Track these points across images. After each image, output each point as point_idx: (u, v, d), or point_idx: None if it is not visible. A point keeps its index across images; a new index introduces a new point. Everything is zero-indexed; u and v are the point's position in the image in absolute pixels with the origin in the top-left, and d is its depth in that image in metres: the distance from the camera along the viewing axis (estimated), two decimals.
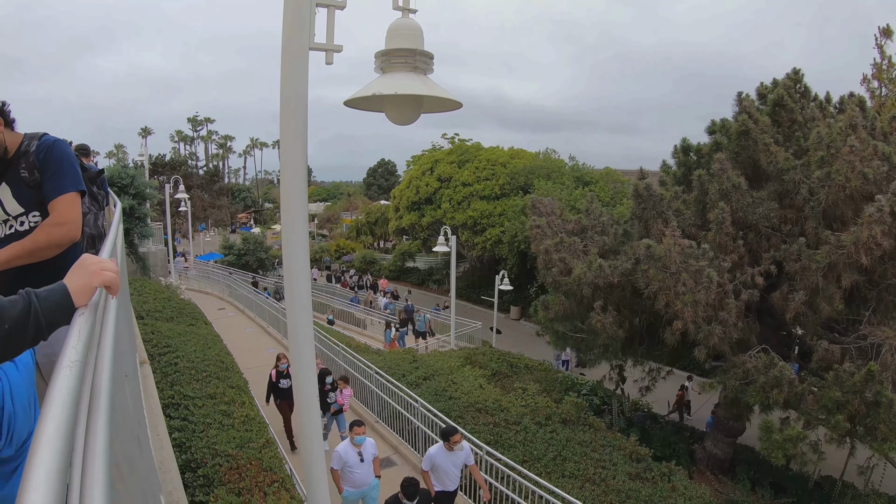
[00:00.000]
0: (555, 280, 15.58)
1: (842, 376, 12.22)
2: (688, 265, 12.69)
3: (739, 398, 13.99)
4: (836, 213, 13.37)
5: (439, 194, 46.83)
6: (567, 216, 17.78)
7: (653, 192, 15.73)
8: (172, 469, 5.20)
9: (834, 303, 13.07)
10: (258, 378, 15.42)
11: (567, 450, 12.81)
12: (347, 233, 76.30)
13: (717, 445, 17.26)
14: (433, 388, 15.45)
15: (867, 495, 15.64)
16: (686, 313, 12.85)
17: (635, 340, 16.55)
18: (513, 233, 39.51)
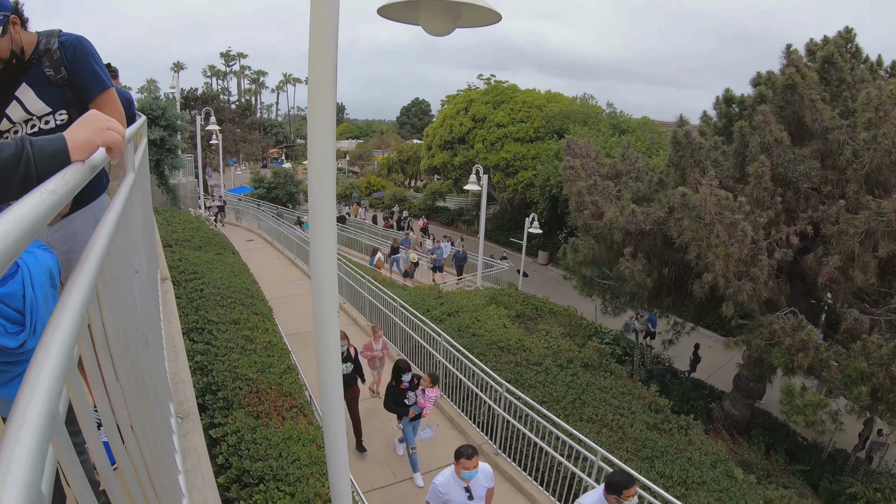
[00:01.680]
0: (585, 223, 15.47)
1: (869, 347, 12.01)
2: (723, 217, 12.49)
3: (763, 359, 13.87)
4: (879, 178, 13.00)
5: (473, 134, 46.32)
6: (602, 160, 17.54)
7: (692, 139, 15.43)
8: (186, 380, 5.23)
9: (868, 272, 12.76)
10: (283, 307, 15.74)
11: (587, 394, 12.80)
12: (378, 170, 76.10)
13: (735, 406, 17.23)
14: (457, 324, 15.48)
15: (880, 473, 15.54)
16: (717, 266, 12.70)
17: (662, 291, 16.43)
18: (545, 177, 39.08)
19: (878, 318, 13.45)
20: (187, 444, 4.18)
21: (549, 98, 47.58)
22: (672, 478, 10.55)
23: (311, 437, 7.17)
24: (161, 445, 2.44)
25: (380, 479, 10.39)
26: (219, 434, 7.00)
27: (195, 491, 3.72)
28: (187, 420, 4.52)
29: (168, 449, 2.96)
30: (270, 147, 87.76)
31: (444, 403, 12.89)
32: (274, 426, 7.20)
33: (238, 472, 6.36)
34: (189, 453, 4.04)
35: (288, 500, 5.82)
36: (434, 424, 12.33)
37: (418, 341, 13.90)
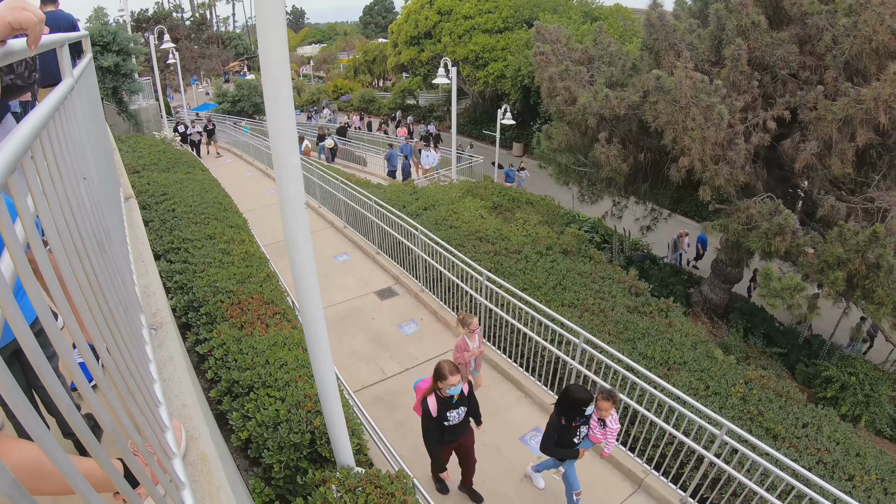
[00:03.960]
0: (559, 109, 15.24)
1: (845, 234, 12.11)
2: (699, 100, 12.35)
3: (741, 243, 13.99)
4: (858, 66, 12.78)
5: (439, 28, 45.41)
6: (573, 45, 17.16)
7: (666, 21, 15.12)
8: (157, 292, 5.24)
9: (846, 160, 12.73)
10: (259, 218, 15.85)
11: (567, 279, 12.87)
12: (345, 73, 74.87)
13: (713, 291, 17.49)
14: (433, 217, 15.43)
15: (854, 358, 15.96)
16: (693, 150, 12.62)
17: (639, 177, 16.41)
18: (516, 67, 38.78)
19: (854, 206, 13.50)
20: (163, 353, 4.21)
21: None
22: (654, 358, 10.74)
23: (297, 341, 7.19)
24: (132, 355, 2.41)
25: None
26: (205, 350, 7.06)
27: (173, 398, 3.76)
28: (161, 330, 4.52)
29: (141, 359, 2.91)
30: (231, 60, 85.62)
31: (426, 297, 12.97)
32: (258, 335, 7.22)
33: (228, 383, 6.41)
34: (165, 363, 4.08)
35: (279, 404, 5.85)
36: (418, 319, 12.43)
37: (395, 237, 13.83)
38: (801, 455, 9.16)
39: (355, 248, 15.65)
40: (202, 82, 74.87)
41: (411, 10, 48.72)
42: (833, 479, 8.81)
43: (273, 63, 3.26)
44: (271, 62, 3.26)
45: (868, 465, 9.34)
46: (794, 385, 13.07)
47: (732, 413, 9.77)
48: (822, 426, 10.06)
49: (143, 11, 72.10)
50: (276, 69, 3.30)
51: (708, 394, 10.17)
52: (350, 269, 14.58)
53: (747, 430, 9.23)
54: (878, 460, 9.67)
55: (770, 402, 10.30)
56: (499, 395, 10.39)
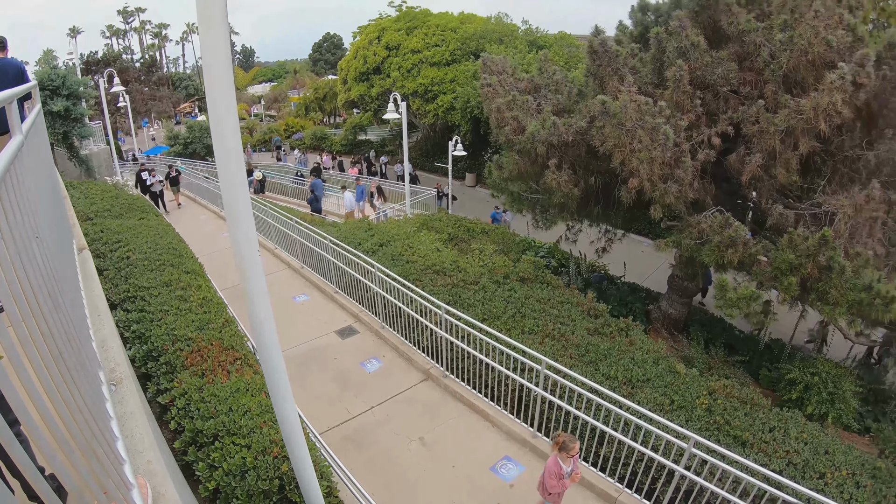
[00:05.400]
0: (508, 139, 15.39)
1: (795, 240, 12.40)
2: (644, 122, 12.55)
3: (694, 258, 14.22)
4: (796, 78, 13.20)
5: (388, 63, 45.74)
6: (519, 75, 17.38)
7: (608, 48, 15.35)
8: (115, 346, 5.21)
9: (790, 169, 13.11)
10: (215, 263, 15.65)
11: (526, 307, 12.96)
12: (296, 111, 74.82)
13: (672, 305, 17.70)
14: (390, 253, 15.46)
15: (815, 358, 16.25)
16: (642, 170, 12.83)
17: (590, 200, 16.57)
18: (465, 98, 39.12)
19: (802, 213, 13.82)
20: (124, 409, 4.18)
21: (463, 19, 47.24)
22: (617, 378, 10.83)
23: (259, 387, 7.19)
24: (93, 414, 2.39)
25: None
26: (167, 400, 7.01)
27: (137, 454, 3.74)
28: (121, 386, 4.48)
29: (102, 417, 2.88)
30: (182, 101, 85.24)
31: (387, 334, 12.98)
32: (220, 382, 7.20)
33: (192, 433, 6.36)
34: (126, 419, 4.05)
35: (245, 452, 5.84)
36: (380, 356, 12.42)
37: (353, 275, 13.80)
38: (771, 459, 9.30)
39: (313, 287, 15.59)
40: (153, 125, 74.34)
41: (360, 47, 49.05)
42: (805, 479, 8.98)
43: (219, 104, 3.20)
44: (217, 103, 3.19)
45: (838, 462, 9.52)
46: (758, 391, 13.19)
47: (699, 425, 9.89)
48: (788, 428, 10.24)
49: (93, 54, 72.14)
50: (223, 109, 3.23)
51: (673, 408, 10.29)
52: (309, 309, 14.52)
53: (715, 439, 9.39)
54: (847, 456, 9.85)
55: (735, 410, 10.44)
56: (466, 426, 10.41)
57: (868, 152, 13.74)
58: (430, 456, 9.67)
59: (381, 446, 9.76)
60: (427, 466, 9.44)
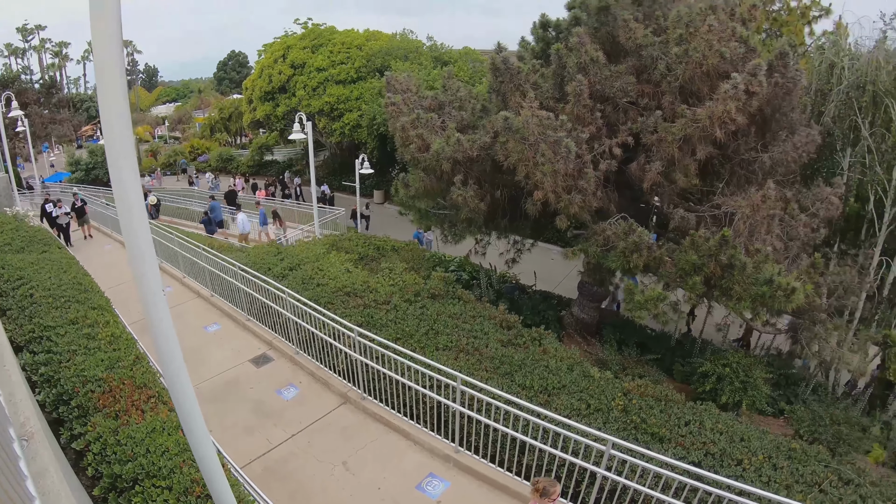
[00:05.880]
0: (413, 157, 15.45)
1: (697, 241, 12.88)
2: (546, 136, 12.78)
3: (601, 264, 14.55)
4: (692, 88, 13.70)
5: (293, 82, 45.34)
6: (423, 93, 17.49)
7: (510, 65, 15.61)
8: (23, 398, 5.04)
9: (689, 174, 13.62)
10: (122, 295, 15.04)
11: (438, 323, 13.06)
12: (201, 132, 73.22)
13: (584, 310, 18.05)
14: (300, 277, 15.35)
15: (725, 350, 16.87)
16: (546, 183, 13.06)
17: (498, 213, 16.77)
18: (371, 116, 39.17)
19: (703, 215, 14.37)
20: (37, 466, 4.03)
21: (368, 36, 47.04)
22: (533, 388, 11.01)
23: (176, 425, 6.99)
24: (6, 477, 2.32)
25: None
26: (82, 445, 6.76)
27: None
28: (33, 441, 4.33)
29: (16, 478, 2.79)
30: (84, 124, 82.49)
31: (302, 360, 12.87)
32: (135, 422, 6.98)
33: (110, 479, 6.16)
34: (41, 476, 3.89)
35: (167, 494, 5.71)
36: (297, 382, 12.30)
37: (264, 302, 13.65)
38: (689, 451, 9.67)
39: (225, 316, 15.34)
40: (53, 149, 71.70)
41: (265, 65, 48.47)
42: (723, 467, 9.39)
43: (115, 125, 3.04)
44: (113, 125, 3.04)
45: (754, 447, 9.97)
46: (672, 387, 13.61)
47: (616, 426, 10.17)
48: (703, 420, 10.63)
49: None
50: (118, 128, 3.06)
51: (590, 411, 10.53)
52: (222, 338, 14.26)
53: (633, 438, 9.72)
54: (762, 441, 10.32)
55: (651, 408, 10.77)
56: (388, 447, 10.41)
57: (763, 154, 14.39)
58: (356, 481, 9.64)
59: (304, 474, 9.67)
60: (353, 491, 9.41)
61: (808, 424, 13.93)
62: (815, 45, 26.22)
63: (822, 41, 23.80)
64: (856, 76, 17.58)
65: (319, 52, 45.16)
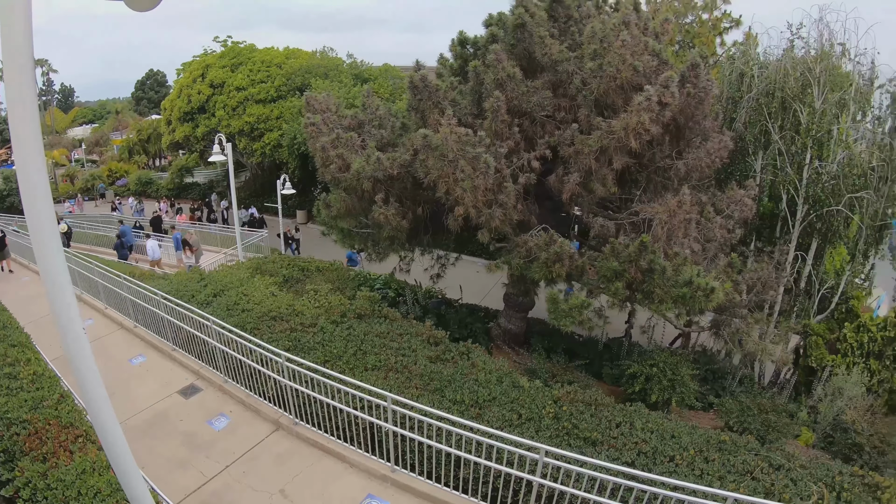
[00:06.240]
0: (334, 177, 15.41)
1: (617, 248, 13.22)
2: (465, 152, 12.92)
3: (525, 275, 14.76)
4: (607, 101, 14.08)
5: (213, 101, 44.51)
6: (343, 112, 17.49)
7: (428, 83, 15.74)
8: None
9: (607, 184, 13.98)
10: (43, 329, 14.47)
11: (366, 343, 13.05)
12: (119, 154, 71.37)
13: (510, 321, 18.26)
14: (225, 303, 15.12)
15: (651, 350, 17.29)
16: (466, 199, 13.21)
17: (420, 230, 16.93)
18: (292, 135, 38.76)
19: (622, 222, 14.78)
20: None
21: (288, 54, 46.64)
22: (464, 402, 11.11)
23: (106, 464, 6.83)
24: None
25: None
26: (10, 493, 6.58)
27: None
28: None
29: None
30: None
31: (231, 388, 12.69)
32: (64, 465, 6.81)
33: None
34: None
35: None
36: (227, 411, 12.12)
37: (189, 331, 13.42)
38: (622, 452, 9.94)
39: (150, 347, 15.01)
40: None
41: (183, 85, 47.54)
42: (656, 465, 9.69)
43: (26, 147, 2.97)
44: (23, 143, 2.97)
45: (684, 443, 10.31)
46: (603, 390, 13.89)
47: (549, 433, 10.36)
48: (634, 421, 10.92)
49: None
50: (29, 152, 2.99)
51: (522, 421, 10.70)
52: (148, 371, 13.93)
53: (566, 444, 9.97)
54: (692, 436, 10.69)
55: (581, 413, 11.01)
56: (325, 471, 10.37)
57: (678, 161, 14.84)
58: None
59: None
60: None
61: (736, 415, 14.43)
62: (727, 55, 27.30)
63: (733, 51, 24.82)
64: (765, 83, 18.43)
65: (239, 70, 44.56)
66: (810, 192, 18.11)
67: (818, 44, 18.44)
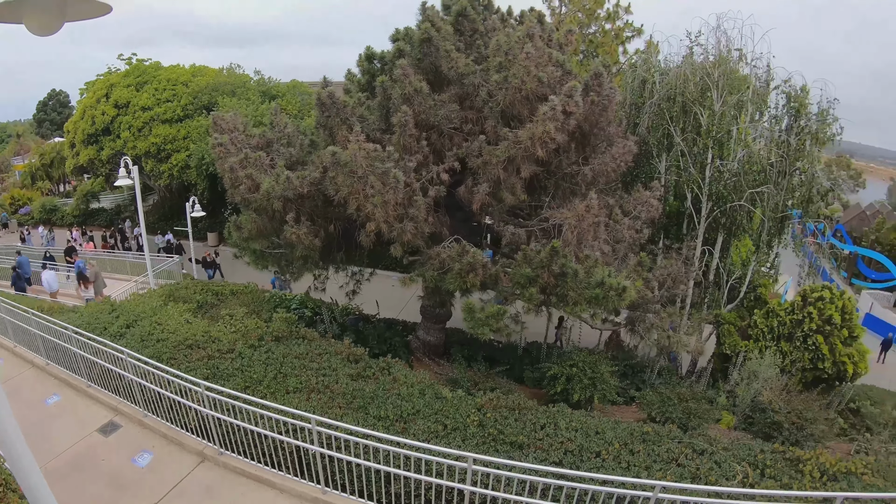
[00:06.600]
0: (244, 198, 15.29)
1: (529, 255, 13.55)
2: (374, 168, 13.00)
3: (440, 286, 14.93)
4: (513, 112, 14.46)
5: (118, 122, 42.72)
6: (251, 131, 17.36)
7: (336, 99, 15.78)
8: None
9: (516, 192, 14.37)
10: None
11: (286, 366, 12.94)
12: (22, 180, 68.44)
13: (429, 333, 18.46)
14: (139, 334, 14.67)
15: (570, 351, 17.65)
16: (377, 214, 13.31)
17: (333, 248, 16.92)
18: (200, 155, 37.80)
19: (532, 229, 15.14)
20: None
21: (194, 72, 45.41)
22: (389, 417, 11.17)
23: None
24: None
25: None
26: None
27: None
28: None
29: None
30: None
31: (152, 422, 12.30)
32: None
33: None
34: None
35: None
36: (149, 447, 11.74)
37: (104, 365, 12.99)
38: (549, 453, 10.21)
39: (64, 385, 14.42)
40: None
41: (87, 106, 45.57)
42: (583, 462, 10.02)
43: None
44: None
45: (609, 438, 10.70)
46: (526, 394, 14.18)
47: (475, 441, 10.54)
48: (558, 422, 11.22)
49: None
50: None
51: (447, 432, 10.84)
52: (64, 410, 13.37)
53: (493, 451, 10.17)
54: (616, 430, 11.08)
55: (505, 418, 11.23)
56: (256, 500, 10.25)
57: (584, 167, 15.28)
58: None
59: None
60: None
61: (658, 407, 14.99)
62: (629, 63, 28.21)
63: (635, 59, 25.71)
64: (666, 89, 19.16)
65: (144, 89, 43.11)
66: (713, 189, 18.91)
67: (716, 50, 19.29)
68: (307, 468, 10.23)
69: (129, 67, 46.57)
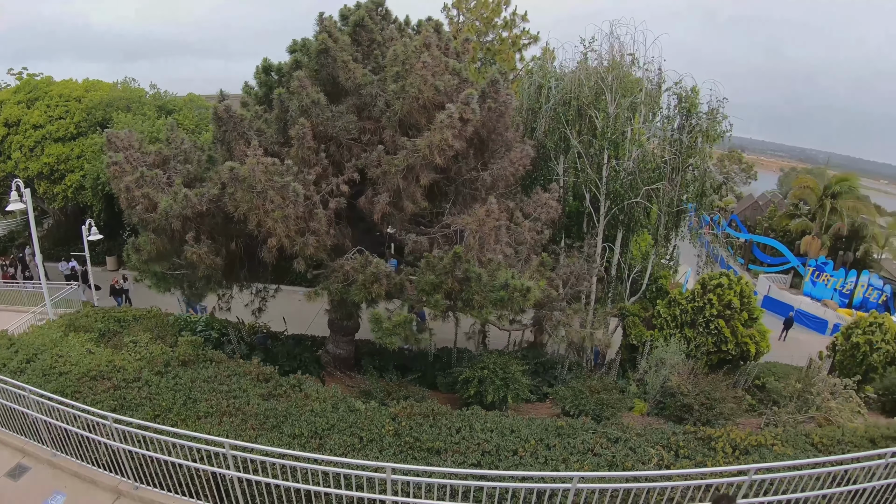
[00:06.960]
0: (141, 218, 14.85)
1: (432, 262, 13.77)
2: (273, 182, 12.94)
3: (345, 299, 14.98)
4: (411, 121, 14.62)
5: (8, 142, 40.15)
6: (147, 148, 16.92)
7: (233, 113, 15.58)
8: None
9: (416, 200, 14.57)
10: None
11: (195, 391, 12.67)
12: None
13: (339, 346, 18.49)
14: (40, 369, 13.93)
15: (481, 354, 17.91)
16: (278, 229, 13.31)
17: (236, 265, 16.80)
18: (95, 175, 36.06)
19: (434, 236, 15.29)
20: None
21: (87, 87, 43.05)
22: (304, 435, 11.09)
23: None
24: None
25: None
26: None
27: None
28: None
29: None
30: None
31: (62, 461, 11.73)
32: None
33: None
34: None
35: None
36: (62, 487, 11.20)
37: (6, 405, 12.37)
38: (467, 455, 10.35)
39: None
40: None
41: None
42: (502, 461, 10.20)
43: None
44: None
45: (525, 435, 10.96)
46: (440, 399, 14.28)
47: (392, 451, 10.58)
48: (473, 424, 11.40)
49: None
50: None
51: (364, 444, 10.84)
52: None
53: (412, 459, 10.25)
54: (531, 427, 11.38)
55: (421, 425, 11.33)
56: None
57: (483, 173, 15.56)
58: None
59: None
60: None
61: (571, 401, 15.41)
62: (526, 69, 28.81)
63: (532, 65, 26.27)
64: (562, 94, 19.76)
65: (36, 106, 40.65)
66: (611, 188, 19.58)
67: (610, 55, 19.91)
68: (226, 495, 10.04)
69: (20, 83, 44.28)
